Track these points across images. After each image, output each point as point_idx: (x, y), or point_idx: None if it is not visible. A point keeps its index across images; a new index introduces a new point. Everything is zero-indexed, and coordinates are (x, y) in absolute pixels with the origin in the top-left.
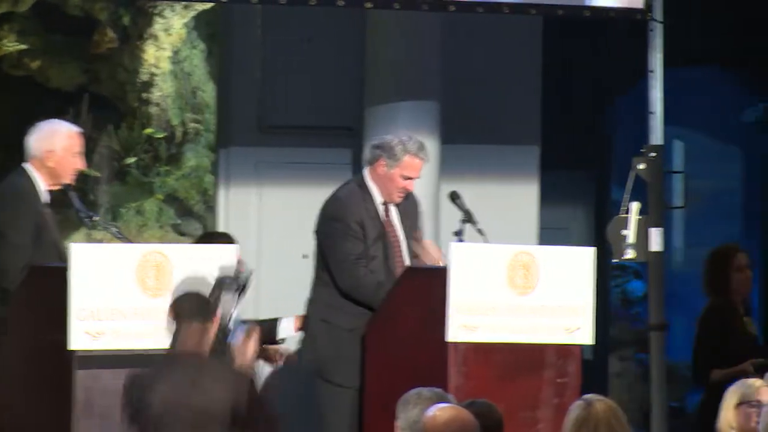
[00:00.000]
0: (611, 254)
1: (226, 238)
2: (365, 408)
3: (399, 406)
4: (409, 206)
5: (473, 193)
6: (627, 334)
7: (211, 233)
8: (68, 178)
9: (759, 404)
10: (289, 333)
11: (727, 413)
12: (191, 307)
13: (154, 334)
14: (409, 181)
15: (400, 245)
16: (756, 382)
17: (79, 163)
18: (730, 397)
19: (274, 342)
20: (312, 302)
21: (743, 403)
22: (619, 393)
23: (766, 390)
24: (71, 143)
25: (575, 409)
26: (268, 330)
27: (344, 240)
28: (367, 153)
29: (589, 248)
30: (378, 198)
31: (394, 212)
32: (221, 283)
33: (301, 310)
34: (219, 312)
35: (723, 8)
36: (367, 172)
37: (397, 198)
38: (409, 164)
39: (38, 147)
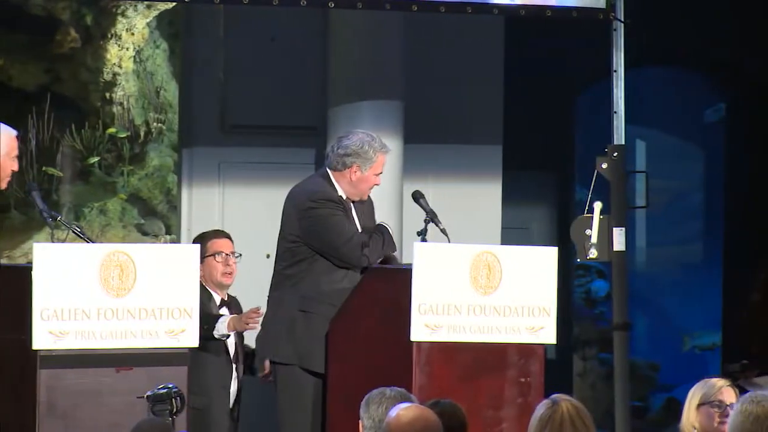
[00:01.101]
0: (575, 254)
1: (223, 234)
2: (329, 406)
3: (362, 406)
4: (365, 204)
5: (436, 192)
6: (590, 333)
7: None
8: (4, 183)
9: (721, 404)
10: (224, 331)
11: (690, 413)
12: None
13: (117, 334)
14: (379, 176)
15: None
16: (719, 381)
17: (16, 166)
18: (693, 397)
19: (213, 338)
20: (281, 300)
21: (705, 403)
22: (583, 392)
23: (728, 390)
24: (11, 147)
25: (540, 408)
26: (207, 328)
27: (342, 219)
28: (335, 160)
29: (552, 248)
30: (343, 197)
31: (353, 211)
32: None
33: (246, 295)
34: None
35: (685, 9)
36: (331, 173)
37: (367, 194)
38: (380, 161)
39: None
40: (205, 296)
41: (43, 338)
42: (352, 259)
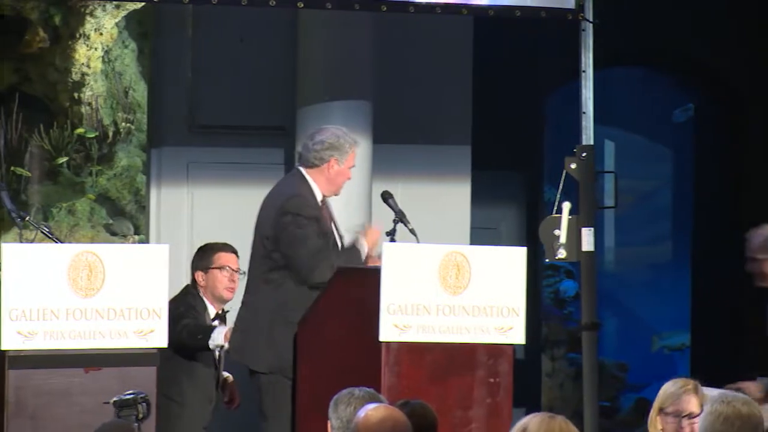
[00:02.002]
0: (543, 254)
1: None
2: (298, 407)
3: (331, 406)
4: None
5: (405, 193)
6: (559, 333)
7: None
8: None
9: (677, 414)
10: (219, 341)
11: (654, 416)
12: None
13: (86, 334)
14: (350, 170)
15: (337, 241)
16: (679, 389)
17: None
18: (658, 400)
19: (207, 348)
20: (260, 306)
21: (663, 410)
22: (551, 392)
23: (688, 398)
24: None
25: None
26: (201, 337)
27: (311, 233)
28: (312, 156)
29: (521, 248)
30: (318, 195)
31: (328, 207)
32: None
33: (233, 310)
34: None
35: (654, 9)
36: (306, 172)
37: (341, 189)
38: (353, 154)
39: None
40: (200, 306)
41: (11, 338)
42: (306, 274)
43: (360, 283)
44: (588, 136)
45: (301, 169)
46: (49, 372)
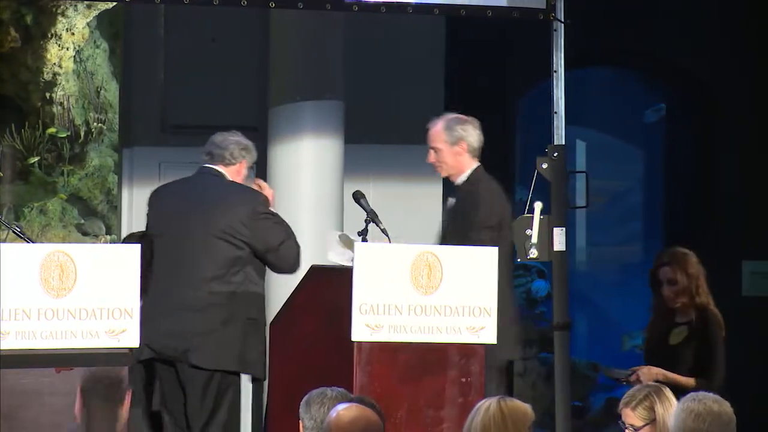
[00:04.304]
0: (515, 254)
1: None
2: (269, 406)
3: (303, 406)
4: None
5: (377, 192)
6: (531, 333)
7: None
8: None
9: (624, 424)
10: None
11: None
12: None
13: (58, 334)
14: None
15: None
16: (631, 397)
17: None
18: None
19: None
20: (226, 307)
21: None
22: (523, 392)
23: (627, 411)
24: None
25: (477, 412)
26: None
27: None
28: (230, 154)
29: (493, 248)
30: None
31: None
32: None
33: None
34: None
35: (625, 9)
36: (225, 170)
37: None
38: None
39: None
40: None
41: None
42: (284, 263)
43: (332, 283)
44: (559, 136)
45: (216, 166)
46: (21, 372)
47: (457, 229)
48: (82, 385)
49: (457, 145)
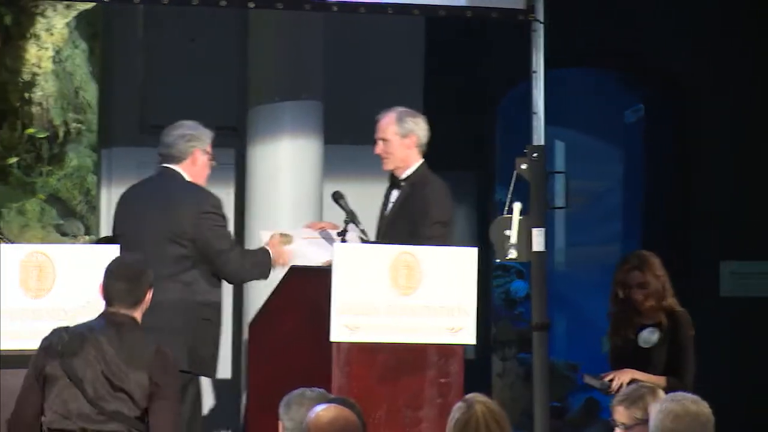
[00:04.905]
0: (494, 254)
1: None
2: (249, 406)
3: (282, 407)
4: None
5: (356, 193)
6: (509, 333)
7: None
8: None
9: (614, 422)
10: None
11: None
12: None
13: (35, 334)
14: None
15: None
16: (617, 398)
17: None
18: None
19: None
20: (178, 307)
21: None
22: (502, 393)
23: (618, 408)
24: None
25: (456, 411)
26: None
27: (226, 230)
28: (174, 150)
29: (472, 248)
30: None
31: None
32: None
33: None
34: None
35: (604, 10)
36: (180, 168)
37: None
38: (211, 145)
39: None
40: None
41: None
42: (230, 269)
43: (311, 283)
44: (539, 137)
45: (171, 165)
46: None
47: (405, 224)
48: None
49: (407, 137)
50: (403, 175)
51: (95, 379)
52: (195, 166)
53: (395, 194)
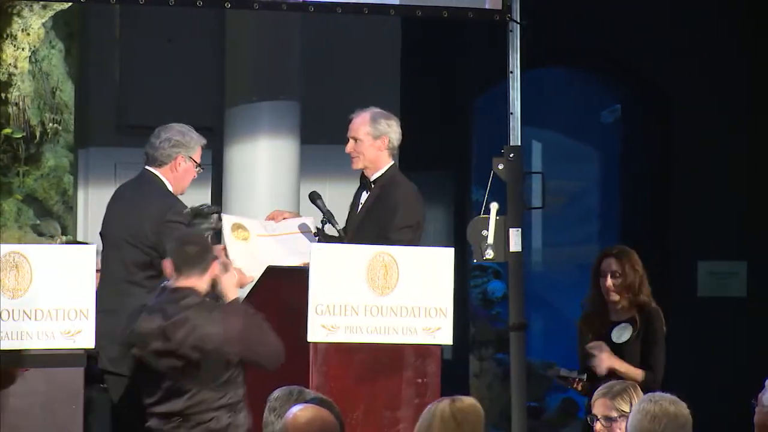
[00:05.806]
0: (471, 254)
1: None
2: None
3: (267, 408)
4: None
5: (333, 193)
6: (487, 334)
7: None
8: None
9: (592, 418)
10: None
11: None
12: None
13: (13, 335)
14: (197, 169)
15: None
16: (607, 389)
17: None
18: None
19: None
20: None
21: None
22: (479, 393)
23: (604, 402)
24: None
25: (427, 412)
26: None
27: None
28: (160, 154)
29: (449, 249)
30: None
31: None
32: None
33: None
34: None
35: (581, 10)
36: (159, 172)
37: (187, 188)
38: (199, 152)
39: None
40: None
41: None
42: None
43: (288, 283)
44: (515, 137)
45: (151, 168)
46: None
47: (373, 226)
48: None
49: (379, 139)
50: (373, 177)
51: None
52: (175, 172)
53: (365, 195)
